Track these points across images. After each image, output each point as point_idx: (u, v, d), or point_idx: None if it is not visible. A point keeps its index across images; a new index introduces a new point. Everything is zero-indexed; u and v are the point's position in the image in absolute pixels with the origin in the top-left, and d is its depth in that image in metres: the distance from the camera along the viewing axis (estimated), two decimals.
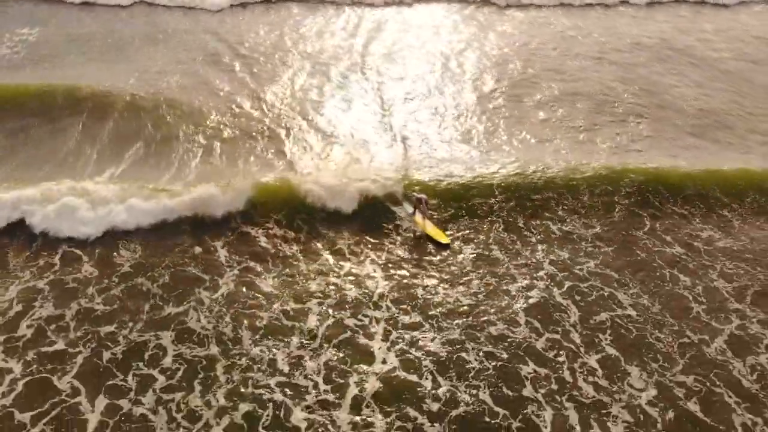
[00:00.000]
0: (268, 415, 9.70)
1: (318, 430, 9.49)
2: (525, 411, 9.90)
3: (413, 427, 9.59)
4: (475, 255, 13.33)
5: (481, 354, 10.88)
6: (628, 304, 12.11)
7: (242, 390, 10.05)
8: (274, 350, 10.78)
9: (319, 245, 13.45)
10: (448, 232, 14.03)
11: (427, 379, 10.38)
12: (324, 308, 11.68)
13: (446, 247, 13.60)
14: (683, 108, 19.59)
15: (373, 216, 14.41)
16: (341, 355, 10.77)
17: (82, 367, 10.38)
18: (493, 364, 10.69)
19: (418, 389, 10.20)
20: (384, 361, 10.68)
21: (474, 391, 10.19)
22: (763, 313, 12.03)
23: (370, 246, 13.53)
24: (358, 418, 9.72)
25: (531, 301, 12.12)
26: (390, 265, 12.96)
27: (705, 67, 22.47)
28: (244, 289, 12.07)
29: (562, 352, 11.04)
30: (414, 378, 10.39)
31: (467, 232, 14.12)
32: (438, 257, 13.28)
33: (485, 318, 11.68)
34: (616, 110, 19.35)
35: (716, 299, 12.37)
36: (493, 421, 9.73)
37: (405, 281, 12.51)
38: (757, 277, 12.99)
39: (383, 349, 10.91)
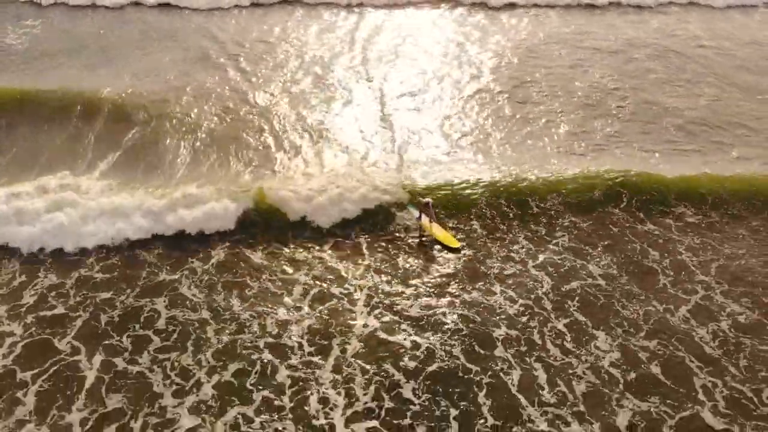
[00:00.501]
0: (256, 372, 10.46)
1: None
2: (495, 368, 10.61)
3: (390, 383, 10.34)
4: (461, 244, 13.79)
5: (456, 317, 11.63)
6: (598, 275, 12.84)
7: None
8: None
9: (317, 254, 13.50)
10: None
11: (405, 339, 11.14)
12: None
13: (457, 251, 13.49)
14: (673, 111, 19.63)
15: (375, 221, 14.38)
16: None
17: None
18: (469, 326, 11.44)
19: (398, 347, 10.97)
20: (365, 325, 11.42)
21: (449, 349, 10.96)
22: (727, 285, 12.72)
23: (370, 251, 13.65)
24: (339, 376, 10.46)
25: (506, 272, 12.86)
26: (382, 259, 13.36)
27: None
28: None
29: (534, 317, 11.74)
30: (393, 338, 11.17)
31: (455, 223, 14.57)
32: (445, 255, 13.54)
33: (463, 286, 12.44)
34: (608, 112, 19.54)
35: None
36: (465, 377, 10.45)
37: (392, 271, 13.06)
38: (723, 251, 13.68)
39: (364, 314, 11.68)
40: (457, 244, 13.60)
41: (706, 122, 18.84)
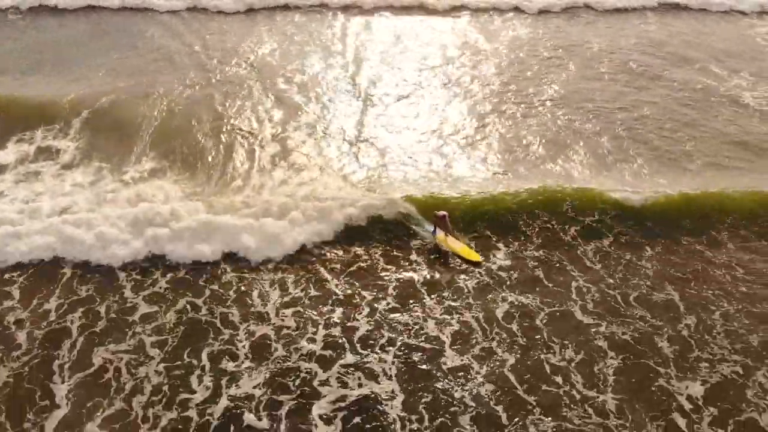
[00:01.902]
0: None
1: None
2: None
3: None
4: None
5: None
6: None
7: None
8: None
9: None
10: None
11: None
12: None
13: (478, 264, 12.94)
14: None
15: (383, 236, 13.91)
16: None
17: None
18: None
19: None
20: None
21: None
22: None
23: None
24: None
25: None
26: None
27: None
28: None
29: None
30: None
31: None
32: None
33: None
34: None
35: None
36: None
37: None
38: None
39: None
40: (478, 258, 13.03)
41: None
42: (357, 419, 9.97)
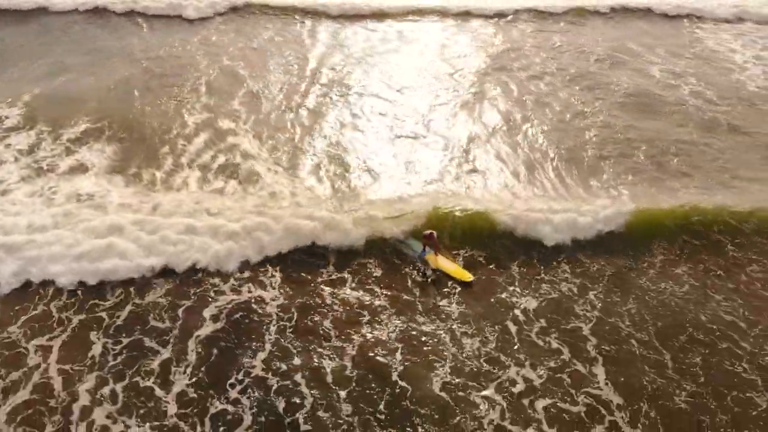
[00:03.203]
0: None
1: None
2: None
3: None
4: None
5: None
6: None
7: None
8: None
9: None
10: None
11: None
12: None
13: (470, 285, 12.52)
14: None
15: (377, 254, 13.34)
16: None
17: None
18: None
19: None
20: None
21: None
22: None
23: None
24: None
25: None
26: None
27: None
28: None
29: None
30: None
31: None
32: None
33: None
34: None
35: None
36: None
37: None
38: None
39: None
40: (470, 278, 12.59)
41: None
42: None
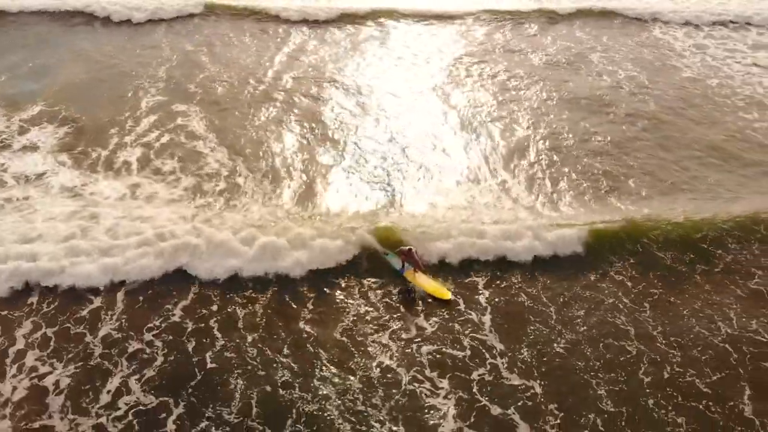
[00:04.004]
0: None
1: None
2: None
3: None
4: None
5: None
6: None
7: None
8: None
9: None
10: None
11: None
12: None
13: (448, 302, 12.31)
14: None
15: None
16: None
17: None
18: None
19: None
20: None
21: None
22: None
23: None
24: None
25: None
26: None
27: None
28: None
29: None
30: None
31: None
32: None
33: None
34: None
35: None
36: None
37: None
38: None
39: None
40: (448, 295, 12.42)
41: None
42: None
